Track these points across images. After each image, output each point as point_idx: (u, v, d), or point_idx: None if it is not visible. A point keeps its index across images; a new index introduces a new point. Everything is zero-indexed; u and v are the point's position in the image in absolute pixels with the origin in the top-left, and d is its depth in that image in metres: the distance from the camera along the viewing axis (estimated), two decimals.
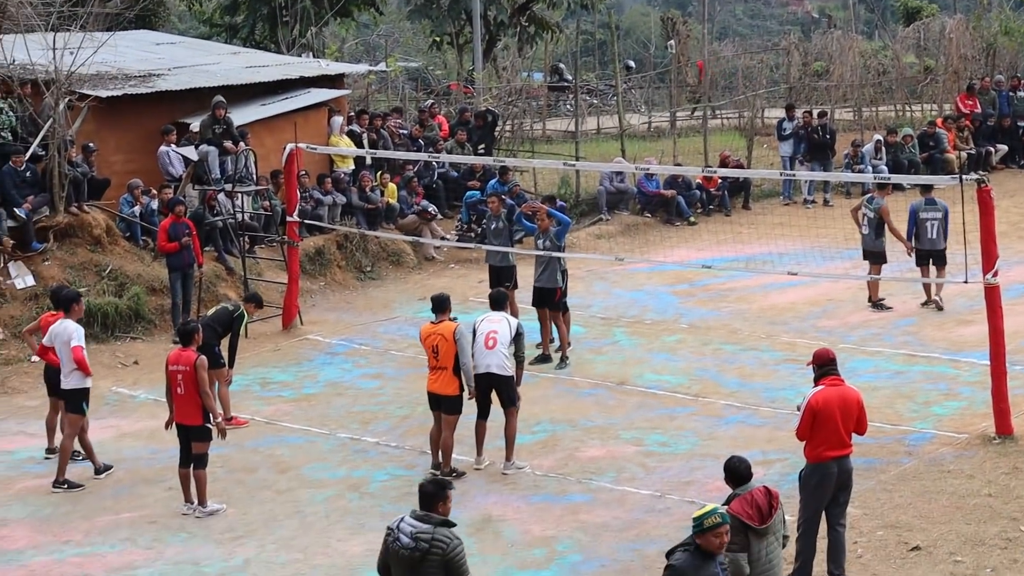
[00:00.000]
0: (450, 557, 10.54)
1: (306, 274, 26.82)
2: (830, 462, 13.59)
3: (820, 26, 65.26)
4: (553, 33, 48.23)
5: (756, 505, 11.64)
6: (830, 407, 13.56)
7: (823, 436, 13.54)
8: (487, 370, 17.35)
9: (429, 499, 10.78)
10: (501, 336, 17.43)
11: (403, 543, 10.59)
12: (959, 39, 44.73)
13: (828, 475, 13.58)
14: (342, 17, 44.72)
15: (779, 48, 50.62)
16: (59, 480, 17.58)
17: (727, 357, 22.38)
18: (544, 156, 36.11)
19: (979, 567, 13.98)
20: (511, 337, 17.50)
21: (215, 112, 27.31)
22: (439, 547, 10.53)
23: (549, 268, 22.29)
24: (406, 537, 10.59)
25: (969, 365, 21.20)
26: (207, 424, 16.40)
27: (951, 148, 37.48)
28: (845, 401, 13.70)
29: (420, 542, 10.54)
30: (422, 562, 10.56)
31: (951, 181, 19.48)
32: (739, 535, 11.37)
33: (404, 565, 10.65)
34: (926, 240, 24.79)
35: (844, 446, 13.68)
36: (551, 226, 22.39)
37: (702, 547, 10.30)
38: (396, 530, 10.69)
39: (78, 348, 17.63)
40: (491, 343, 17.41)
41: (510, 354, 17.52)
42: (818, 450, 13.60)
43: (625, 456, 17.95)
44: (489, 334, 17.48)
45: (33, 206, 24.57)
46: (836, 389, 13.74)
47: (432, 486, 10.87)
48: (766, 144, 39.66)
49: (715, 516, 10.36)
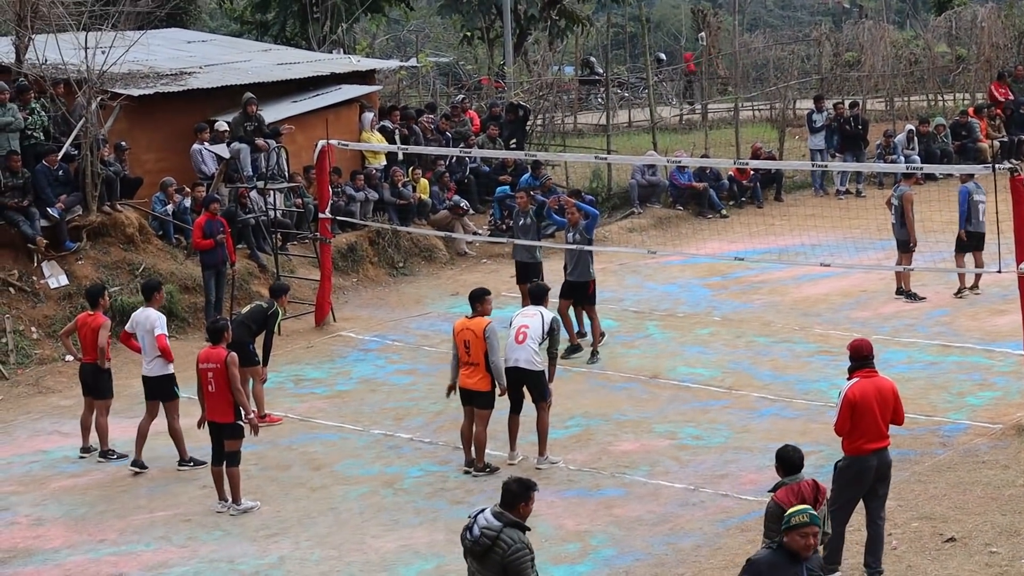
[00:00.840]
0: (509, 560, 10.55)
1: (338, 271, 26.85)
2: (869, 455, 13.50)
3: (851, 16, 65.11)
4: (583, 27, 48.21)
5: (802, 496, 11.58)
6: (868, 399, 13.47)
7: (862, 429, 13.44)
8: (515, 364, 17.32)
9: (512, 498, 10.78)
10: (532, 331, 17.40)
11: (472, 534, 10.64)
12: (991, 28, 44.54)
13: (867, 468, 13.50)
14: (372, 13, 44.80)
15: (810, 39, 50.45)
16: (184, 459, 18.09)
17: (760, 349, 22.33)
18: (575, 150, 36.14)
19: (1015, 557, 13.91)
20: (543, 332, 17.50)
21: (246, 109, 27.37)
22: (501, 547, 10.55)
23: (581, 262, 22.28)
24: (477, 530, 10.63)
25: (1003, 355, 21.09)
26: (239, 421, 16.45)
27: (984, 137, 37.34)
28: (882, 392, 13.62)
29: (484, 537, 10.57)
30: (484, 556, 10.60)
31: (984, 170, 19.43)
32: (779, 523, 11.31)
33: (471, 555, 10.74)
34: (978, 223, 24.56)
35: (883, 438, 13.60)
36: (580, 219, 22.41)
37: (787, 546, 9.86)
38: (473, 521, 10.72)
39: (162, 336, 18.14)
40: (521, 337, 17.38)
41: (541, 349, 17.50)
42: (857, 443, 13.50)
43: (658, 450, 17.93)
44: (520, 328, 17.46)
45: (66, 205, 24.67)
46: (871, 380, 13.63)
47: (516, 486, 10.85)
48: (797, 136, 39.54)
49: (803, 515, 9.85)
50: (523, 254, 23.85)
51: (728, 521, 15.49)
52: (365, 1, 41.14)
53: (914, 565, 13.93)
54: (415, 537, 15.51)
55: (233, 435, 16.46)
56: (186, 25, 40.01)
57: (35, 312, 23.66)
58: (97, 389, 18.59)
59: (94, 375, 18.57)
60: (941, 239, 26.00)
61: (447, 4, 47.51)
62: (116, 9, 26.50)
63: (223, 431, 16.49)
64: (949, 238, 25.63)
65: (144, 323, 18.29)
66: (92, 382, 18.59)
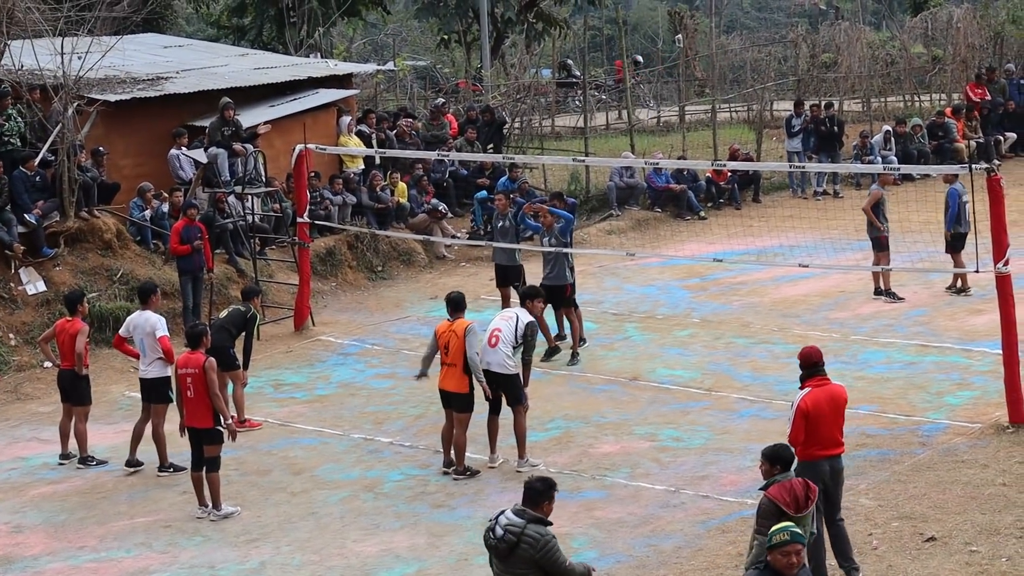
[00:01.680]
0: (540, 555, 10.54)
1: (317, 275, 26.83)
2: (821, 461, 13.50)
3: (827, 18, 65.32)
4: (561, 29, 48.23)
5: (794, 494, 11.57)
6: (820, 408, 13.45)
7: (816, 437, 13.44)
8: (487, 367, 17.28)
9: (535, 496, 10.77)
10: (504, 334, 17.38)
11: (496, 535, 10.61)
12: (967, 28, 44.75)
13: (820, 472, 13.47)
14: (350, 17, 44.75)
15: (787, 40, 50.55)
16: (163, 465, 18.01)
17: (739, 351, 22.36)
18: (553, 152, 36.13)
19: (995, 556, 13.94)
20: (515, 335, 17.46)
21: (223, 114, 27.30)
22: (527, 543, 10.52)
23: (557, 265, 22.30)
24: (500, 529, 10.61)
25: (981, 354, 21.18)
26: (218, 427, 16.43)
27: (960, 137, 37.47)
28: (835, 399, 13.61)
29: (509, 535, 10.54)
30: (510, 555, 10.56)
31: (961, 170, 19.47)
32: (773, 519, 11.32)
33: (496, 556, 10.70)
34: (966, 223, 24.54)
35: (837, 445, 13.58)
36: (555, 223, 22.43)
37: (772, 565, 9.60)
38: (495, 522, 10.70)
39: (164, 338, 18.08)
40: (494, 341, 17.39)
41: (516, 352, 17.50)
42: (810, 450, 13.47)
43: (639, 452, 17.94)
44: (493, 332, 17.46)
45: (43, 211, 24.59)
46: (824, 389, 13.61)
47: (540, 484, 10.85)
48: (775, 137, 39.61)
49: (784, 533, 9.50)
50: (503, 257, 23.85)
51: (709, 522, 15.50)
52: (342, 5, 41.09)
53: (894, 565, 13.95)
54: (396, 541, 15.50)
55: (212, 440, 16.43)
56: (163, 30, 39.88)
57: (13, 319, 23.57)
58: (76, 395, 18.55)
59: (72, 381, 18.53)
60: (919, 239, 26.08)
61: (424, 7, 47.49)
62: (92, 15, 26.40)
63: (202, 436, 16.45)
64: (927, 238, 25.75)
65: (144, 325, 18.23)
66: (71, 388, 18.56)
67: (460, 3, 45.01)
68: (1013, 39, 46.17)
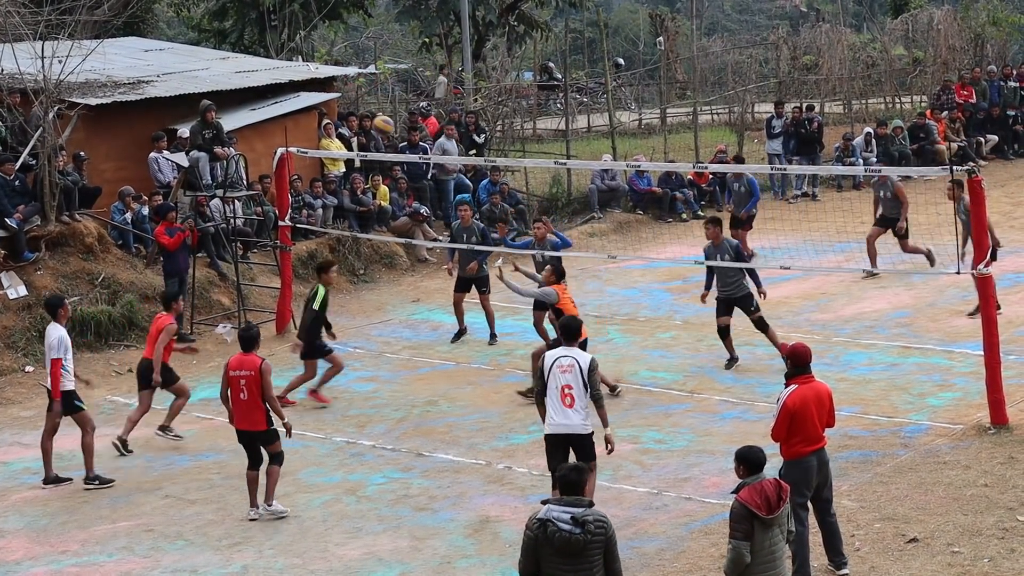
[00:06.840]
0: (610, 535, 10.47)
1: (299, 278, 26.76)
2: (809, 456, 13.53)
3: (808, 20, 65.36)
4: (542, 32, 48.21)
5: (765, 496, 11.55)
6: (807, 406, 13.47)
7: (801, 435, 13.47)
8: (565, 431, 15.24)
9: (575, 486, 10.59)
10: (576, 390, 15.19)
11: (567, 529, 10.27)
12: (947, 30, 44.89)
13: (809, 468, 13.51)
14: (331, 20, 44.69)
15: (768, 43, 50.64)
16: (89, 477, 17.84)
17: (722, 353, 22.31)
18: (535, 155, 36.13)
19: (976, 557, 13.97)
20: (584, 385, 15.19)
21: (205, 117, 27.23)
22: (601, 527, 10.41)
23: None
24: (566, 524, 10.28)
25: (963, 356, 21.22)
26: (272, 427, 16.43)
27: (941, 139, 37.56)
28: (819, 397, 13.63)
29: (587, 524, 10.29)
30: (587, 547, 10.33)
31: (941, 172, 19.52)
32: (745, 523, 11.33)
33: (567, 553, 10.32)
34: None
35: (820, 440, 13.62)
36: (548, 236, 22.52)
37: None
38: (551, 521, 10.33)
39: (57, 361, 17.62)
40: (568, 401, 15.19)
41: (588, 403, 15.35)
42: (796, 447, 13.50)
43: (621, 454, 17.89)
44: (564, 389, 15.18)
45: (24, 216, 24.53)
46: (810, 386, 13.63)
47: (575, 473, 10.68)
48: (756, 139, 39.67)
49: None
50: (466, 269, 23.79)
51: (692, 524, 15.51)
52: (323, 8, 41.05)
53: (877, 566, 13.97)
54: (379, 544, 15.48)
55: (270, 440, 16.46)
56: (143, 34, 39.81)
57: None
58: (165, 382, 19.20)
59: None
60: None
61: (405, 11, 47.41)
62: (73, 18, 26.34)
63: (259, 439, 16.45)
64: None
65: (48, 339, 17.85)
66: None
67: (441, 6, 44.93)
68: (993, 40, 46.30)
